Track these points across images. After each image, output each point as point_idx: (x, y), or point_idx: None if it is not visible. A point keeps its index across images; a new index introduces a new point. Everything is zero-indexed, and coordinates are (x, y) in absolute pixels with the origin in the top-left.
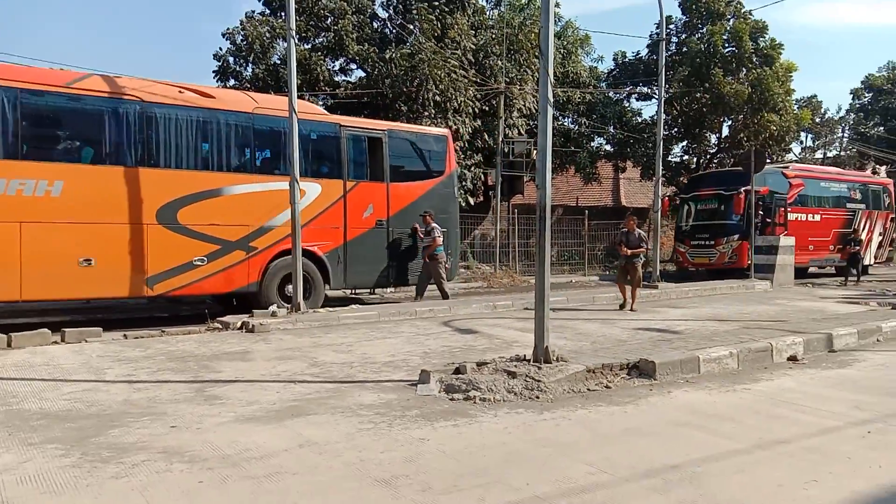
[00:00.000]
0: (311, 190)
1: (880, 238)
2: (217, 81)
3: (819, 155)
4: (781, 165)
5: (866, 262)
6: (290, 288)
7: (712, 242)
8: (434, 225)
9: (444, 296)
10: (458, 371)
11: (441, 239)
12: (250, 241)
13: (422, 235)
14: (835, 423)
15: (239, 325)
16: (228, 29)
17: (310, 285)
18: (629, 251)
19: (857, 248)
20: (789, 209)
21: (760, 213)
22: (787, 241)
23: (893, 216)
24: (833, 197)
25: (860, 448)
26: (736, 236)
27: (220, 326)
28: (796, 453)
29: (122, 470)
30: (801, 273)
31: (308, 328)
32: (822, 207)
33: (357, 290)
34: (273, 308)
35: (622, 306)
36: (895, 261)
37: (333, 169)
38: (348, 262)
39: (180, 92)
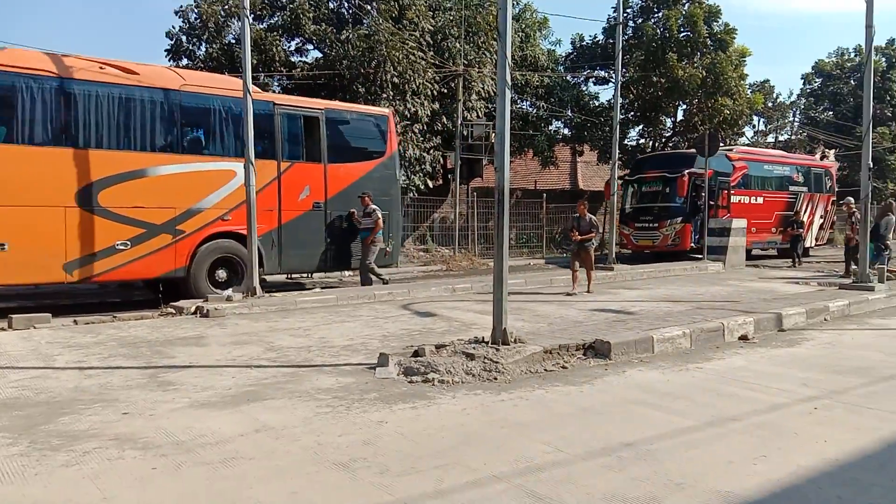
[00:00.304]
0: (243, 171)
1: (822, 220)
2: (169, 60)
3: (771, 139)
4: (725, 148)
5: (807, 244)
6: (220, 273)
7: (656, 225)
8: (374, 207)
9: (365, 282)
10: (416, 354)
11: (382, 220)
12: (177, 224)
13: (359, 219)
14: (783, 400)
15: (193, 309)
16: (181, 7)
17: (241, 270)
18: (581, 237)
19: (800, 230)
20: (733, 191)
21: (704, 195)
22: (739, 223)
23: (835, 199)
24: (776, 179)
25: (807, 424)
26: (679, 219)
27: (174, 311)
28: (746, 430)
29: (73, 458)
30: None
31: (265, 312)
32: (765, 190)
33: (293, 275)
34: (228, 292)
35: (569, 294)
36: (836, 242)
37: (267, 149)
38: (283, 245)
39: (101, 68)
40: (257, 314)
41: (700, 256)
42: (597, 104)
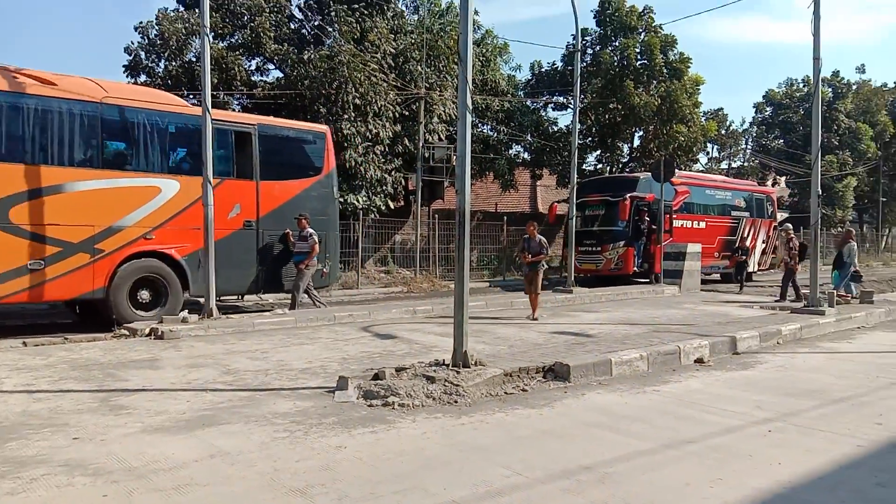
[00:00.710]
0: (168, 187)
1: (764, 245)
2: (127, 77)
3: (724, 165)
4: None
5: (751, 269)
6: (143, 294)
7: (599, 249)
8: (311, 230)
9: (293, 306)
10: (376, 377)
11: (318, 245)
12: (96, 242)
13: (293, 241)
14: (738, 422)
15: (147, 331)
16: (141, 23)
17: (165, 291)
18: (531, 258)
19: (744, 256)
20: (675, 216)
21: (647, 219)
22: (694, 247)
23: (776, 224)
24: (718, 204)
25: (762, 446)
26: (622, 243)
27: (128, 333)
28: (702, 452)
29: (20, 485)
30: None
31: (221, 334)
32: (708, 215)
33: (223, 297)
34: (184, 314)
35: (532, 318)
36: (777, 268)
37: (195, 165)
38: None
39: (14, 77)
40: (213, 336)
41: (644, 280)
42: (556, 129)
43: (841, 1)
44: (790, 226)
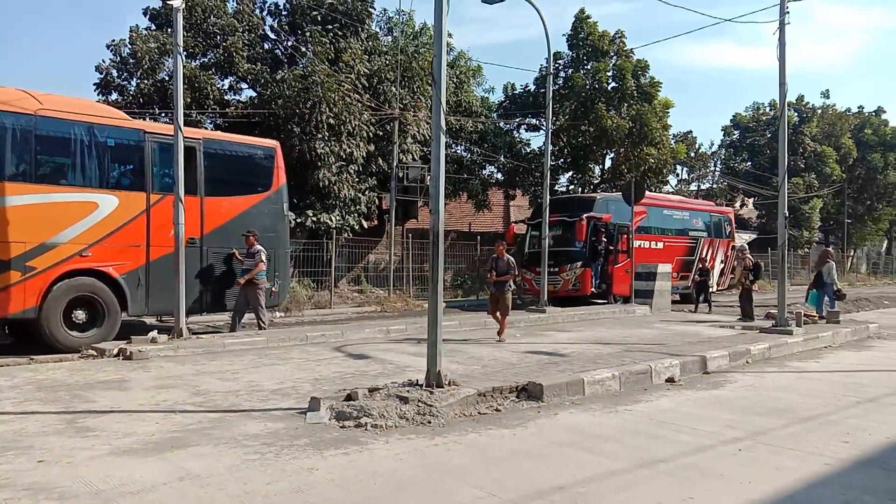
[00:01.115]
0: (106, 203)
1: (722, 265)
2: (99, 95)
3: (693, 187)
4: None
5: (711, 289)
6: (78, 314)
7: (556, 269)
8: (259, 247)
9: (261, 325)
10: (349, 398)
11: (265, 264)
12: (27, 259)
13: (241, 259)
14: (709, 441)
15: (116, 352)
16: (113, 41)
17: (103, 311)
18: (498, 277)
19: (705, 277)
20: (633, 236)
21: (604, 239)
22: (664, 267)
23: (734, 244)
24: (676, 224)
25: (732, 465)
26: (579, 263)
27: (96, 353)
28: (674, 471)
29: None
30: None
31: (191, 355)
32: (666, 235)
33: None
34: (153, 334)
35: (500, 332)
36: (735, 288)
37: (135, 180)
38: (151, 284)
39: None
40: (183, 357)
41: (601, 301)
42: (528, 150)
43: (806, 29)
44: (746, 247)
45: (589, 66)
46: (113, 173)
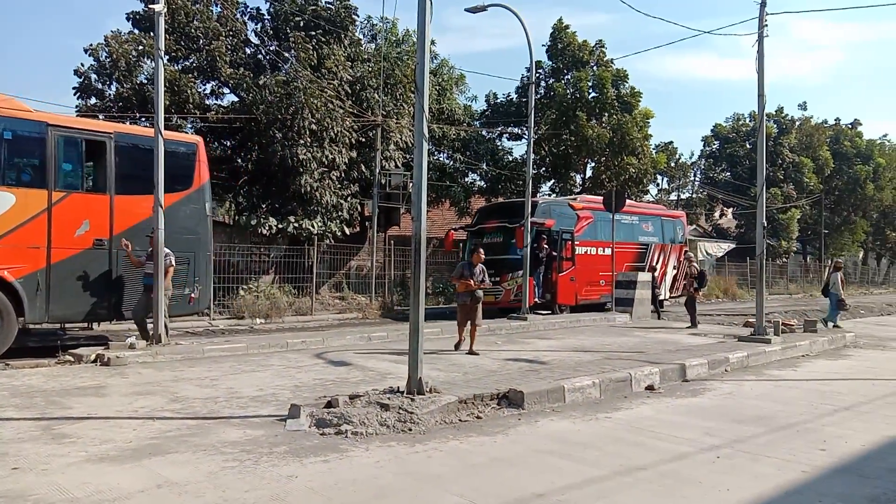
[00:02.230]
0: (2, 200)
1: (675, 272)
2: (78, 99)
3: (674, 197)
4: (570, 197)
5: (662, 296)
6: None
7: (498, 279)
8: (166, 249)
9: (145, 335)
10: (329, 405)
11: (172, 268)
12: None
13: (143, 261)
14: (688, 448)
15: (93, 357)
16: (91, 45)
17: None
18: (476, 286)
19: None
20: (577, 242)
21: (546, 246)
22: (644, 276)
23: (687, 249)
24: (625, 230)
25: (711, 472)
26: (520, 272)
27: (73, 359)
28: (653, 479)
29: None
30: (597, 308)
31: (170, 361)
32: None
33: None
34: (131, 340)
35: (458, 346)
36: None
37: (35, 176)
38: (52, 289)
39: None
40: (162, 363)
41: (545, 312)
42: (511, 159)
43: (783, 43)
44: (692, 254)
45: (569, 76)
46: (10, 168)
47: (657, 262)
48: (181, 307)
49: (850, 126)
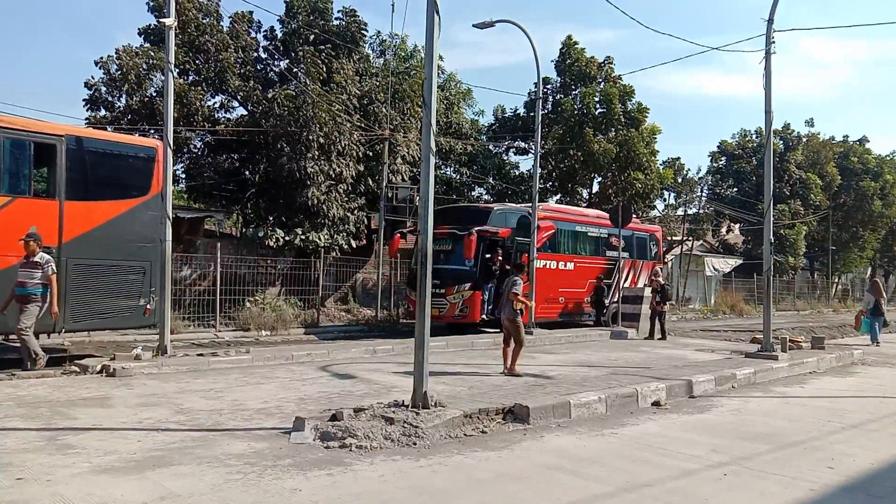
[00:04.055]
0: None
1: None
2: (88, 111)
3: (680, 212)
4: (528, 205)
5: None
6: None
7: (443, 291)
8: (45, 255)
9: (26, 362)
10: (334, 418)
11: (55, 275)
12: None
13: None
14: (695, 465)
15: (99, 368)
16: (102, 58)
17: None
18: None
19: (600, 296)
20: (536, 255)
21: (499, 258)
22: (647, 292)
23: (661, 267)
24: (591, 243)
25: (717, 490)
26: (467, 285)
27: (78, 370)
28: (659, 496)
29: None
30: (559, 326)
31: (175, 373)
32: (578, 255)
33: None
34: (137, 351)
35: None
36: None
37: None
38: None
39: None
40: (167, 374)
41: (493, 330)
42: (517, 173)
43: (791, 60)
44: (659, 269)
45: (576, 91)
46: None
47: (626, 279)
48: (135, 319)
49: (858, 142)
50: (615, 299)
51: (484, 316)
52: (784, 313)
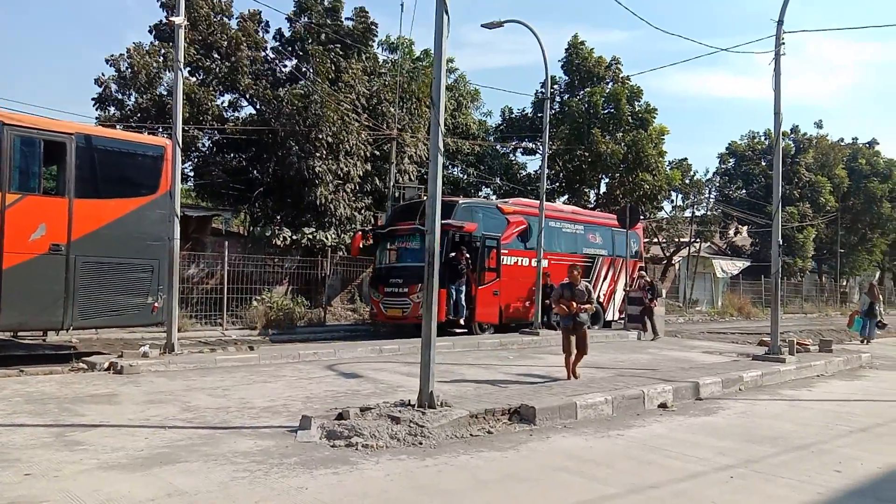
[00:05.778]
0: None
1: (626, 290)
2: (97, 109)
3: (688, 213)
4: (500, 201)
5: (608, 317)
6: None
7: (406, 290)
8: None
9: None
10: (340, 417)
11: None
12: None
13: None
14: (701, 468)
15: (107, 365)
16: (112, 56)
17: None
18: (579, 308)
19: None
20: (504, 251)
21: (467, 255)
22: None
23: (643, 265)
24: (566, 239)
25: (724, 493)
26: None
27: (86, 367)
28: (666, 498)
29: None
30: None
31: (182, 370)
32: (551, 252)
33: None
34: (145, 348)
35: (569, 376)
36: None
37: None
38: (4, 297)
39: None
40: (174, 372)
41: (462, 331)
42: (524, 174)
43: (801, 61)
44: (644, 272)
45: (583, 92)
46: None
47: (605, 278)
48: (143, 317)
49: (867, 145)
50: (609, 314)
51: (449, 315)
52: (792, 316)
